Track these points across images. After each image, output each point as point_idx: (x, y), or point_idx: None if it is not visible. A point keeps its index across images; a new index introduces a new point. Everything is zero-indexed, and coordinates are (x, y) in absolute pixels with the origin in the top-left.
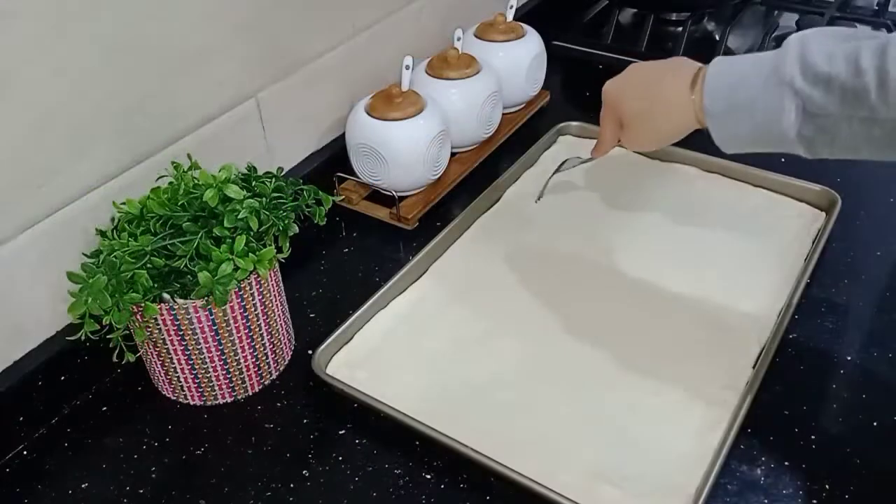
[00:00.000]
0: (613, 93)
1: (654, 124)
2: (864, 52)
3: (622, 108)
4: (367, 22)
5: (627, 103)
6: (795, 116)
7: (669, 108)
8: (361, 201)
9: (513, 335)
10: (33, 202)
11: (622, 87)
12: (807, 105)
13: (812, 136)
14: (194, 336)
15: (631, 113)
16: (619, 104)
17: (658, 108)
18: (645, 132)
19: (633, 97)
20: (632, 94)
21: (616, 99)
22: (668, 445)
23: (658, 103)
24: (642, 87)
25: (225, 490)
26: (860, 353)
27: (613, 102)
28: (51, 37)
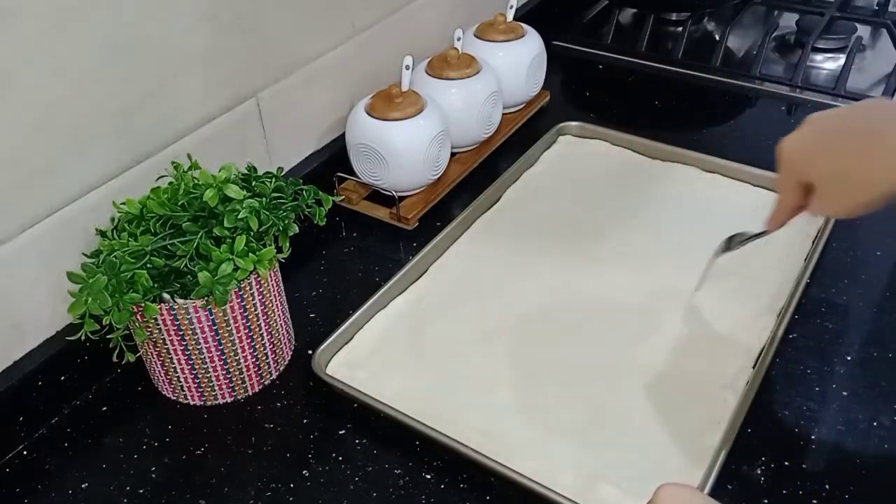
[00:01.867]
0: (798, 149)
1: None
2: None
3: (815, 168)
4: (367, 22)
5: (824, 162)
6: None
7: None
8: (361, 201)
9: (513, 335)
10: (33, 202)
11: (811, 140)
12: None
13: None
14: (194, 336)
15: (828, 173)
16: (808, 164)
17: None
18: (852, 193)
19: (834, 153)
20: (829, 150)
21: (806, 160)
22: (668, 445)
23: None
24: (845, 139)
25: (225, 490)
26: (860, 353)
27: (799, 163)
28: (51, 37)
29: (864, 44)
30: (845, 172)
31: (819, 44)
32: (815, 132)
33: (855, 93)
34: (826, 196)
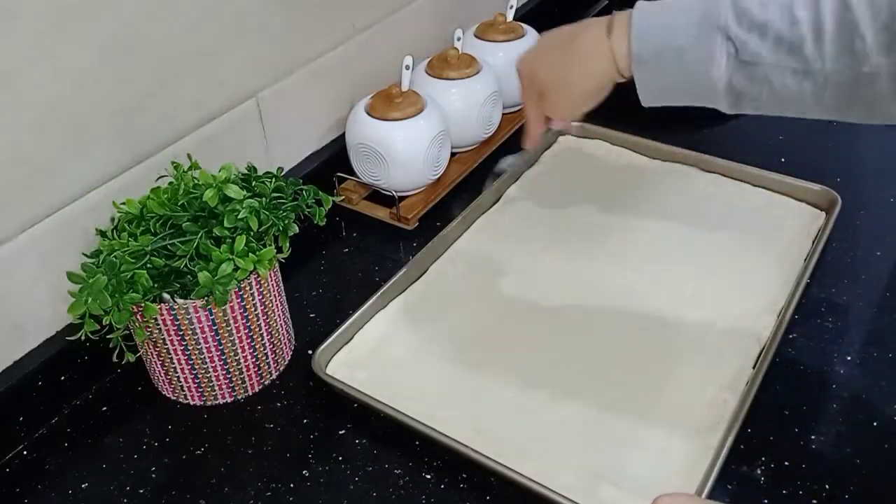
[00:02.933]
0: (527, 65)
1: (573, 83)
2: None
3: (538, 78)
4: (367, 22)
5: (542, 71)
6: (727, 64)
7: (587, 61)
8: (361, 201)
9: (513, 335)
10: (33, 202)
11: (534, 56)
12: (740, 52)
13: (740, 89)
14: (194, 336)
15: (548, 79)
16: (534, 76)
17: (573, 64)
18: (565, 95)
19: (547, 62)
20: (545, 60)
21: (531, 71)
22: (668, 445)
23: (573, 59)
24: (555, 50)
25: (225, 490)
26: (860, 353)
27: (529, 76)
28: (51, 37)
29: None
30: (558, 77)
31: None
32: (542, 45)
33: None
34: (549, 101)
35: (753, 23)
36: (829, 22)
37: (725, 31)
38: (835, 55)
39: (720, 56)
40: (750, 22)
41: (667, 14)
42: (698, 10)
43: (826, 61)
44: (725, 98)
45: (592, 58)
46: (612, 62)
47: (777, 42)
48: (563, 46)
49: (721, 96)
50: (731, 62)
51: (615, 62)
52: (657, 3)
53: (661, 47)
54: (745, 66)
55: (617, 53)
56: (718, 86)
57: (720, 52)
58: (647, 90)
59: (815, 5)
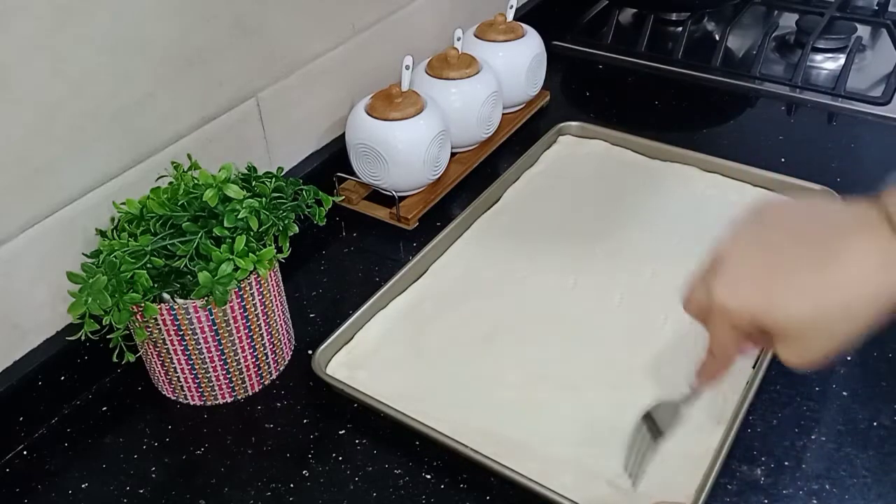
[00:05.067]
0: (741, 302)
1: (842, 317)
2: None
3: (766, 320)
4: (367, 22)
5: (776, 312)
6: None
7: (868, 291)
8: (361, 201)
9: (513, 335)
10: (33, 202)
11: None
12: None
13: None
14: (194, 336)
15: (790, 323)
16: (757, 317)
17: (844, 292)
18: (828, 337)
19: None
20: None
21: (750, 310)
22: (668, 445)
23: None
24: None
25: (225, 490)
26: (860, 353)
27: (753, 315)
28: (51, 36)
29: (864, 44)
30: (810, 317)
31: (819, 44)
32: (752, 270)
33: (855, 93)
34: (796, 347)
35: None
36: None
37: None
38: None
39: None
40: None
41: None
42: None
43: None
44: None
45: (876, 280)
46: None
47: None
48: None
49: None
50: None
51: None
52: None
53: None
54: None
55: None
56: None
57: None
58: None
59: None
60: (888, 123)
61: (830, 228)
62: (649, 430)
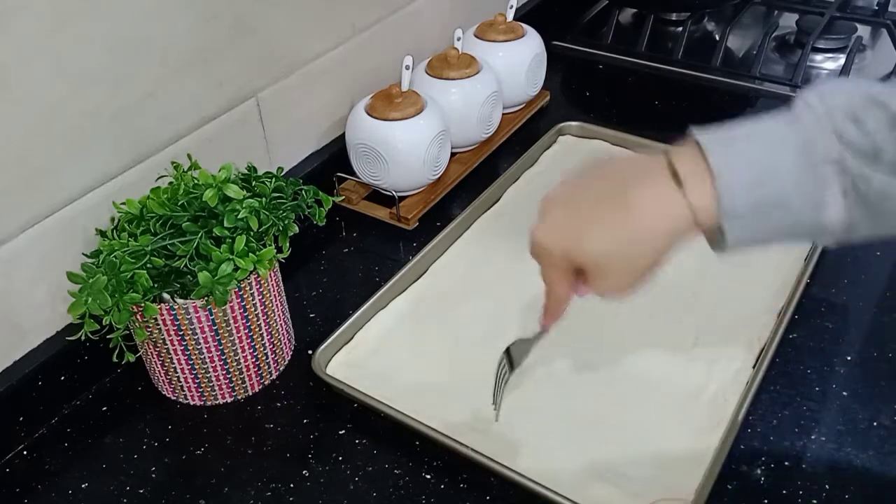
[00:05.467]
0: (555, 242)
1: (639, 252)
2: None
3: (577, 255)
4: (367, 22)
5: (585, 246)
6: (845, 204)
7: (652, 225)
8: (361, 201)
9: (512, 335)
10: (33, 202)
11: (563, 227)
12: (860, 188)
13: (862, 226)
14: (194, 336)
15: (600, 254)
16: (573, 251)
17: (632, 230)
18: (628, 269)
19: (591, 234)
20: (586, 232)
21: (567, 247)
22: (668, 445)
23: (630, 224)
24: (596, 214)
25: (225, 490)
26: (860, 353)
27: (563, 253)
28: (51, 36)
29: (864, 44)
30: (614, 251)
31: (819, 44)
32: (564, 215)
33: None
34: (602, 280)
35: (862, 149)
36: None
37: (839, 164)
38: None
39: (835, 194)
40: (857, 149)
41: (754, 154)
42: (791, 142)
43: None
44: (837, 235)
45: (659, 219)
46: (689, 221)
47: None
48: (608, 211)
49: (829, 236)
50: (850, 201)
51: (692, 218)
52: (732, 137)
53: (760, 198)
54: (868, 203)
55: (697, 208)
56: (831, 226)
57: (834, 190)
58: (739, 242)
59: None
60: None
61: (629, 177)
62: (507, 364)
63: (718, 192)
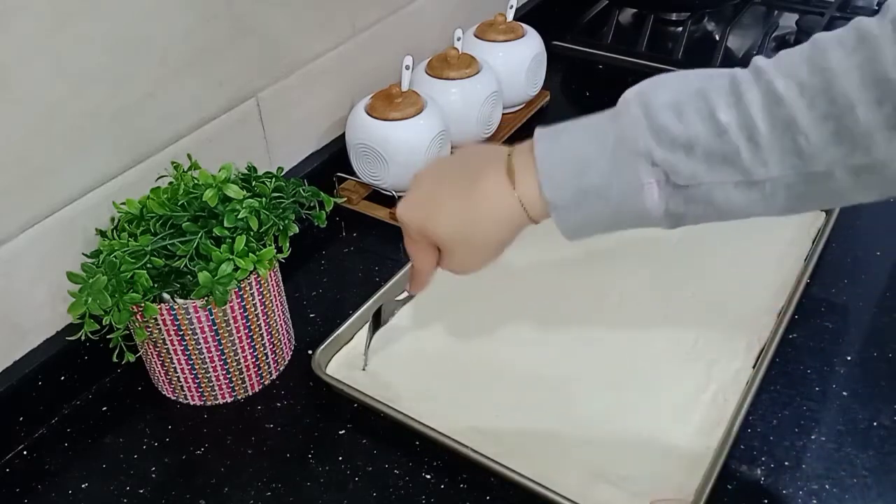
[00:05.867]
0: (414, 217)
1: (476, 239)
2: (717, 101)
3: (429, 233)
4: (367, 22)
5: (434, 226)
6: (659, 192)
7: (490, 214)
8: (361, 201)
9: (512, 335)
10: (33, 202)
11: (420, 208)
12: (671, 176)
13: (681, 212)
14: (194, 336)
15: (446, 235)
16: (425, 228)
17: (475, 218)
18: (471, 251)
19: (439, 217)
20: (436, 214)
21: (420, 224)
22: (668, 445)
23: (473, 213)
24: (446, 201)
25: (225, 490)
26: (860, 353)
27: (418, 228)
28: (51, 36)
29: None
30: (460, 233)
31: None
32: (423, 194)
33: None
34: (453, 258)
35: (676, 141)
36: (760, 122)
37: (649, 157)
38: (778, 158)
39: (649, 185)
40: (672, 140)
41: (575, 147)
42: (610, 136)
43: (770, 167)
44: (665, 222)
45: (497, 209)
46: (521, 211)
47: (708, 157)
48: (456, 196)
49: (659, 222)
50: (663, 189)
51: (525, 210)
52: (559, 131)
53: (579, 189)
54: (680, 190)
55: (527, 202)
56: (654, 214)
57: (648, 181)
58: (571, 231)
59: (738, 104)
60: None
61: (480, 165)
62: (373, 322)
63: (540, 182)
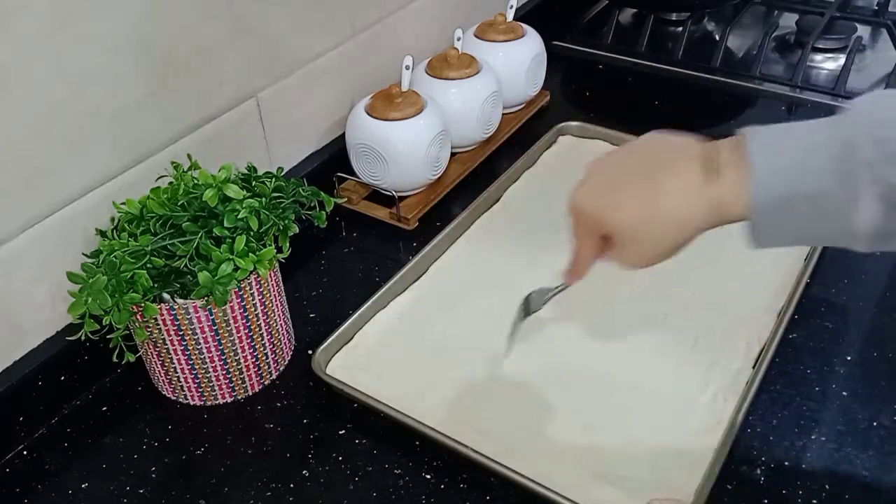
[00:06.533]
0: (589, 204)
1: (657, 234)
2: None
3: (606, 221)
4: (367, 22)
5: (613, 214)
6: (877, 207)
7: (677, 211)
8: (361, 201)
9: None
10: (33, 202)
11: (599, 194)
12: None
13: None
14: (194, 336)
15: (623, 226)
16: (600, 217)
17: (659, 212)
18: (647, 247)
19: (619, 206)
20: (615, 202)
21: (597, 212)
22: (668, 445)
23: (657, 207)
24: (629, 192)
25: (225, 490)
26: (860, 353)
27: (591, 216)
28: (51, 36)
29: (864, 44)
30: (639, 226)
31: (819, 44)
32: (603, 182)
33: (855, 92)
34: (625, 251)
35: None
36: None
37: (871, 168)
38: None
39: (868, 199)
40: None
41: (794, 150)
42: (832, 144)
43: None
44: (865, 241)
45: (683, 208)
46: (714, 210)
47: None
48: (639, 188)
49: (860, 239)
50: (883, 207)
51: (719, 209)
52: (774, 131)
53: (790, 194)
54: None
55: (723, 202)
56: (862, 229)
57: (867, 194)
58: (763, 238)
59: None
60: None
61: (665, 159)
62: (523, 310)
63: (752, 182)
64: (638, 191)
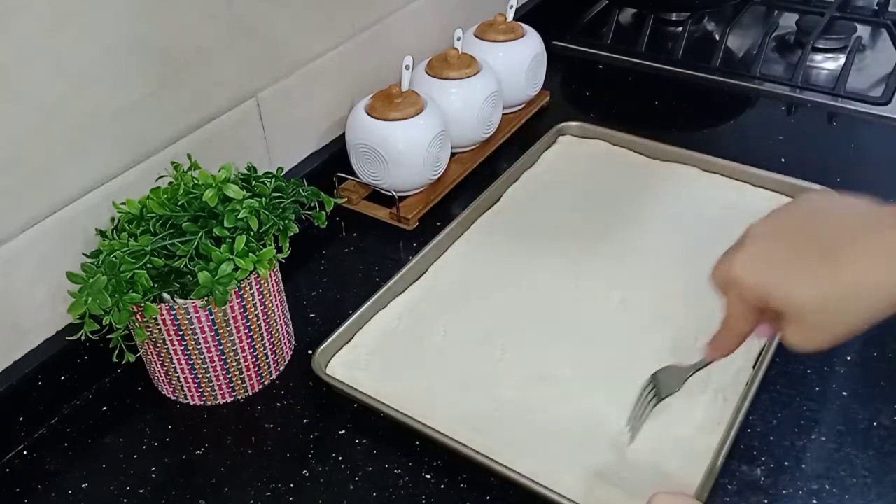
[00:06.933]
0: (760, 279)
1: (847, 316)
2: None
3: (782, 297)
4: (367, 22)
5: (793, 292)
6: None
7: (869, 294)
8: (361, 201)
9: (512, 335)
10: (33, 202)
11: (769, 267)
12: None
13: None
14: (194, 336)
15: (804, 305)
16: (774, 293)
17: (849, 294)
18: (828, 328)
19: (801, 283)
20: (796, 279)
21: (768, 288)
22: (668, 445)
23: (846, 286)
24: (807, 266)
25: (225, 490)
26: (860, 353)
27: (763, 291)
28: (51, 36)
29: (864, 44)
30: (818, 305)
31: (819, 44)
32: (769, 252)
33: (855, 93)
34: (803, 329)
35: None
36: None
37: None
38: None
39: None
40: None
41: None
42: None
43: None
44: None
45: (876, 289)
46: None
47: None
48: (817, 264)
49: None
50: None
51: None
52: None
53: None
54: None
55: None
56: None
57: None
58: None
59: None
60: (888, 123)
61: (847, 224)
62: (653, 391)
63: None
64: (812, 266)
